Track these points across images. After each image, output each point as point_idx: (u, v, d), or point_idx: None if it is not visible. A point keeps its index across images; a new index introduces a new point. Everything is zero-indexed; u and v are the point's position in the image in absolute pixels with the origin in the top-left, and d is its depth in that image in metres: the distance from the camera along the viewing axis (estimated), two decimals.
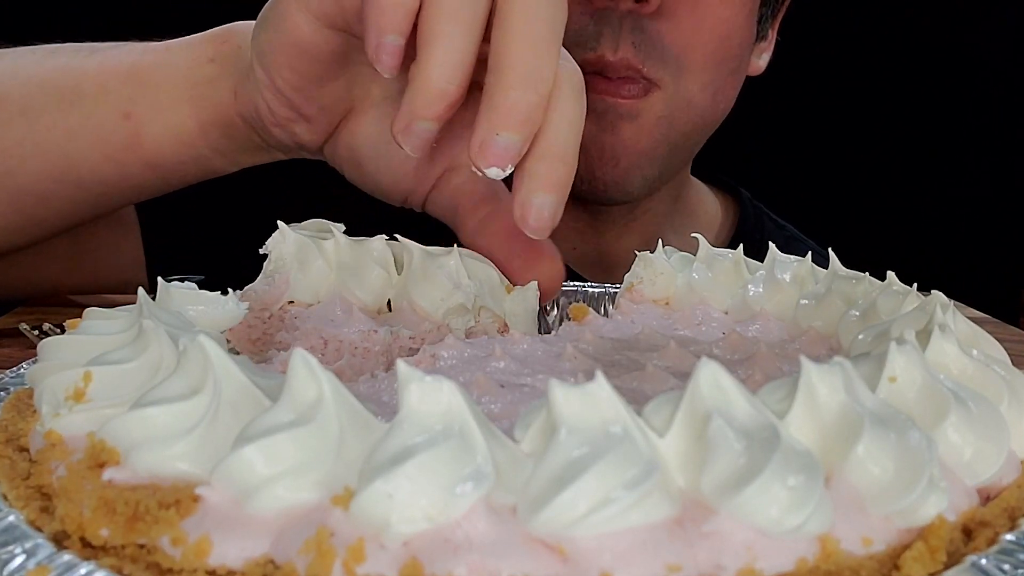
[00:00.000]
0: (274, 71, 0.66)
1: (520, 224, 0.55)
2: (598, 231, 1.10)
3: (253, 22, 0.68)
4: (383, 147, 0.68)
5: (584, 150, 0.92)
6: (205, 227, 1.01)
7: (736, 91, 1.04)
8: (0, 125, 0.75)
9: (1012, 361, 0.47)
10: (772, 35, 1.12)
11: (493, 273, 0.65)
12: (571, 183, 0.57)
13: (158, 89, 0.72)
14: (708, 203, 1.22)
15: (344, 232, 0.64)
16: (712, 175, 1.25)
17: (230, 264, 0.69)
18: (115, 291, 0.62)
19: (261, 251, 0.63)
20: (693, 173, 1.20)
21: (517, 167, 0.56)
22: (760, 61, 1.10)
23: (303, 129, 0.69)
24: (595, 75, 0.92)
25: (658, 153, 0.97)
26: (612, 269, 1.10)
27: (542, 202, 0.54)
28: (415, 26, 0.54)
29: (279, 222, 0.63)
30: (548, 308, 0.75)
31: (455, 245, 0.65)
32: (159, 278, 0.53)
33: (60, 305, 0.88)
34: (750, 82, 1.08)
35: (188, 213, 1.00)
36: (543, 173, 0.55)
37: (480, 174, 0.54)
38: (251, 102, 0.69)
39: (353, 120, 0.70)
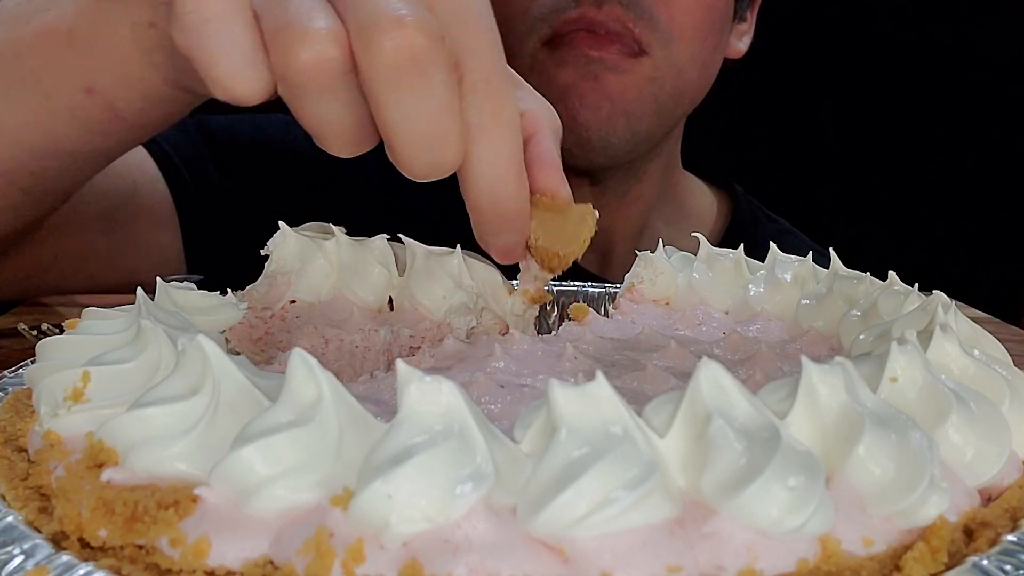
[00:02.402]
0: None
1: (496, 253, 0.54)
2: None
3: None
4: None
5: (564, 99, 0.92)
6: (242, 220, 1.00)
7: (718, 67, 1.04)
8: None
9: (1013, 361, 0.47)
10: (751, 19, 1.12)
11: (495, 274, 0.65)
12: (523, 213, 0.53)
13: (111, 61, 0.66)
14: (701, 196, 1.23)
15: (345, 233, 0.64)
16: (705, 170, 1.25)
17: (230, 264, 0.69)
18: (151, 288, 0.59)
19: (263, 252, 0.63)
20: (686, 167, 1.20)
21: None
22: (740, 44, 1.10)
23: None
24: (580, 31, 0.92)
25: (647, 110, 0.96)
26: (605, 260, 1.10)
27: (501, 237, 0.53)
28: None
29: (280, 223, 0.63)
30: (548, 308, 0.75)
31: (458, 246, 0.65)
32: (158, 278, 0.53)
33: (59, 305, 0.88)
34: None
35: (227, 205, 0.99)
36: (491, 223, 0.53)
37: None
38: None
39: None
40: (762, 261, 0.66)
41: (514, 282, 0.69)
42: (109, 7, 0.66)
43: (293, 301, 0.62)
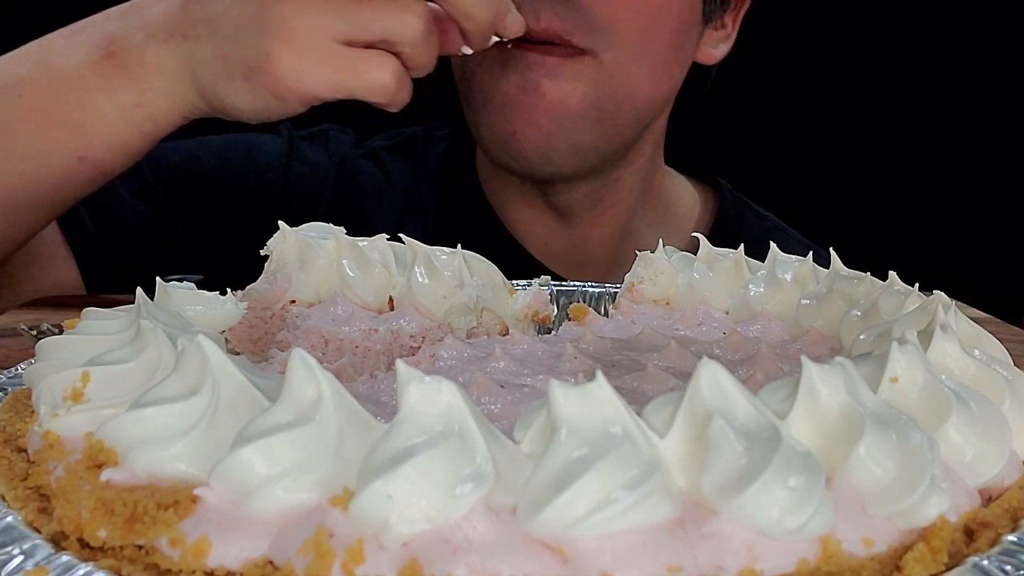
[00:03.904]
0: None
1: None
2: (567, 225, 1.09)
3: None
4: None
5: (505, 110, 0.93)
6: (138, 247, 1.02)
7: (681, 72, 1.01)
8: None
9: (1014, 361, 0.47)
10: (732, 25, 1.08)
11: (496, 275, 0.65)
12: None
13: (100, 135, 0.78)
14: (685, 194, 1.20)
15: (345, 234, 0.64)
16: (690, 166, 1.23)
17: (228, 265, 0.69)
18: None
19: (262, 252, 0.63)
20: (671, 164, 1.19)
21: None
22: (715, 51, 1.06)
23: None
24: (520, 42, 0.91)
25: (587, 118, 0.95)
26: (585, 265, 1.09)
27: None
28: None
29: (280, 222, 0.63)
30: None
31: (459, 246, 0.65)
32: (157, 278, 0.53)
33: (58, 305, 0.88)
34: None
35: (118, 233, 1.00)
36: None
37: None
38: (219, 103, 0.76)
39: None
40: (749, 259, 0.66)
41: (515, 283, 0.69)
42: (91, 96, 0.78)
43: (293, 301, 0.62)
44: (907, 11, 1.99)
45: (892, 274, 0.57)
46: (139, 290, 0.47)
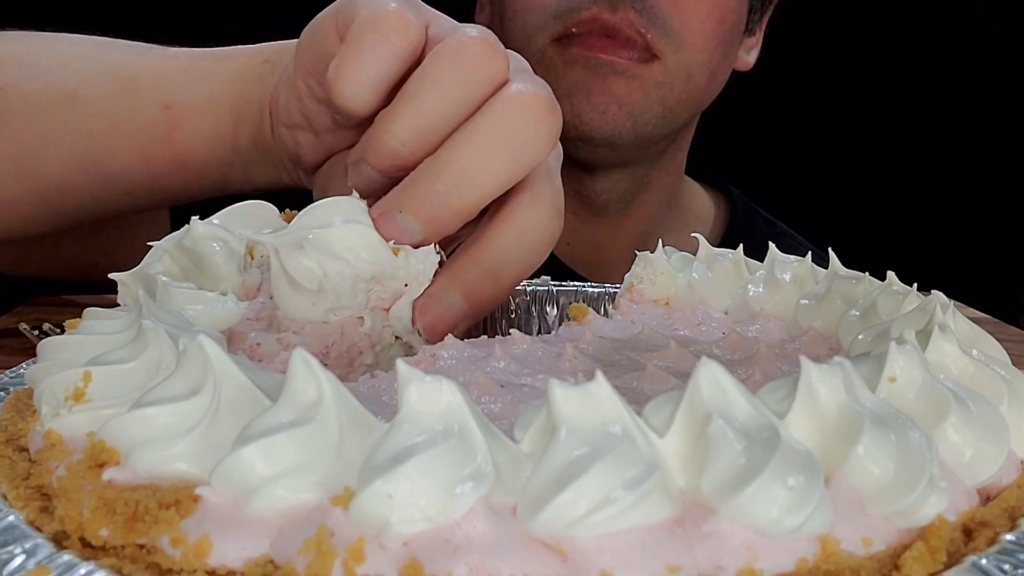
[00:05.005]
0: (301, 70, 0.65)
1: (418, 313, 0.51)
2: (592, 226, 1.11)
3: None
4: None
5: (570, 96, 0.93)
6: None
7: (726, 77, 1.05)
8: (42, 110, 0.73)
9: (1012, 361, 0.47)
10: (760, 33, 1.13)
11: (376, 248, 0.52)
12: (492, 306, 0.53)
13: (205, 82, 0.72)
14: (701, 201, 1.23)
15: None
16: (704, 173, 1.26)
17: None
18: None
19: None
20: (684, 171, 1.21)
21: (449, 259, 0.52)
22: (748, 57, 1.11)
23: (306, 139, 0.69)
24: (593, 33, 0.93)
25: (653, 112, 0.97)
26: (606, 266, 1.11)
27: (451, 302, 0.51)
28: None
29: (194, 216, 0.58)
30: (548, 308, 0.75)
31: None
32: (160, 278, 0.53)
33: (60, 305, 0.88)
34: (753, 78, 1.09)
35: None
36: (470, 280, 0.52)
37: None
38: (277, 93, 0.69)
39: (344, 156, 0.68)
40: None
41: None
42: (235, 53, 0.72)
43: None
44: (906, 12, 2.00)
45: (890, 274, 0.57)
46: (140, 290, 0.47)
